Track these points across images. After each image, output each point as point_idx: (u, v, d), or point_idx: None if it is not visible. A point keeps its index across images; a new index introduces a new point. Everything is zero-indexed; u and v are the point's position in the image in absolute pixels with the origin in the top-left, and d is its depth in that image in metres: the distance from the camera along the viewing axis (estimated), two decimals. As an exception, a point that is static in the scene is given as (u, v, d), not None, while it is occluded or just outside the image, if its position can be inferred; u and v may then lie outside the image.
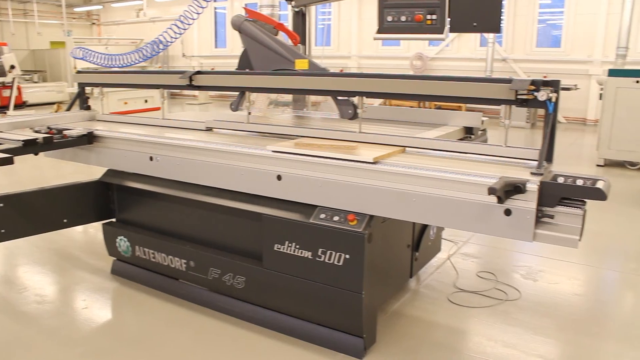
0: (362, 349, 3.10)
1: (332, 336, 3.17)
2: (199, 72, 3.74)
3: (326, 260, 2.99)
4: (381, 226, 3.00)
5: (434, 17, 3.22)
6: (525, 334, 3.45)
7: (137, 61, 4.59)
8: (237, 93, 3.73)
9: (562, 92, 2.66)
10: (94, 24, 25.60)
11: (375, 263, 3.04)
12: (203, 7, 4.69)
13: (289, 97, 5.20)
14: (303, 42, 4.67)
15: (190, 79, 3.75)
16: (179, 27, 4.66)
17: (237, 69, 3.93)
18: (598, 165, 8.62)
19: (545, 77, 2.81)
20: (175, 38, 4.78)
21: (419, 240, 3.84)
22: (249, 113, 3.74)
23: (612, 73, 8.47)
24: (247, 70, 3.86)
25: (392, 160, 2.83)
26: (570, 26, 13.98)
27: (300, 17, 4.78)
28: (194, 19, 4.68)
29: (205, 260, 3.59)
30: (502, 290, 4.02)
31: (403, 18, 3.30)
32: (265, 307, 3.42)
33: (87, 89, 4.62)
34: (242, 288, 3.44)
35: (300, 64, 3.56)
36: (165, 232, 3.88)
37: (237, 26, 3.87)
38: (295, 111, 4.86)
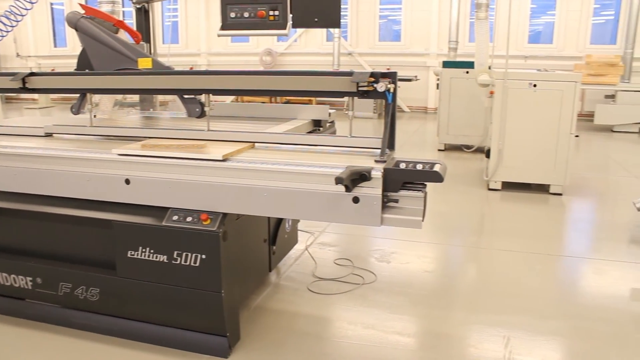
0: (227, 347, 3.08)
1: (196, 339, 3.12)
2: (33, 74, 3.49)
3: (182, 263, 2.93)
4: (235, 223, 3.00)
5: (277, 13, 3.29)
6: (382, 313, 3.64)
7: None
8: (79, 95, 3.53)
9: (404, 83, 2.85)
10: None
11: (233, 260, 3.03)
12: (33, 3, 4.39)
13: (135, 98, 5.02)
14: (147, 40, 4.53)
15: (24, 82, 3.47)
16: (5, 25, 4.33)
17: (76, 69, 3.72)
18: (439, 150, 9.31)
19: (388, 69, 2.98)
20: (3, 36, 4.43)
21: (275, 234, 3.90)
22: (94, 116, 3.56)
23: (446, 65, 9.19)
24: (87, 70, 3.67)
25: (241, 157, 2.84)
26: (409, 22, 14.94)
27: (143, 14, 4.62)
28: (23, 16, 4.37)
29: (53, 275, 3.35)
30: (359, 275, 4.19)
31: (246, 14, 3.32)
32: (124, 317, 3.28)
33: None
34: (96, 300, 3.27)
35: (144, 63, 3.45)
36: (5, 250, 3.56)
37: (73, 24, 3.66)
38: (142, 112, 4.70)
